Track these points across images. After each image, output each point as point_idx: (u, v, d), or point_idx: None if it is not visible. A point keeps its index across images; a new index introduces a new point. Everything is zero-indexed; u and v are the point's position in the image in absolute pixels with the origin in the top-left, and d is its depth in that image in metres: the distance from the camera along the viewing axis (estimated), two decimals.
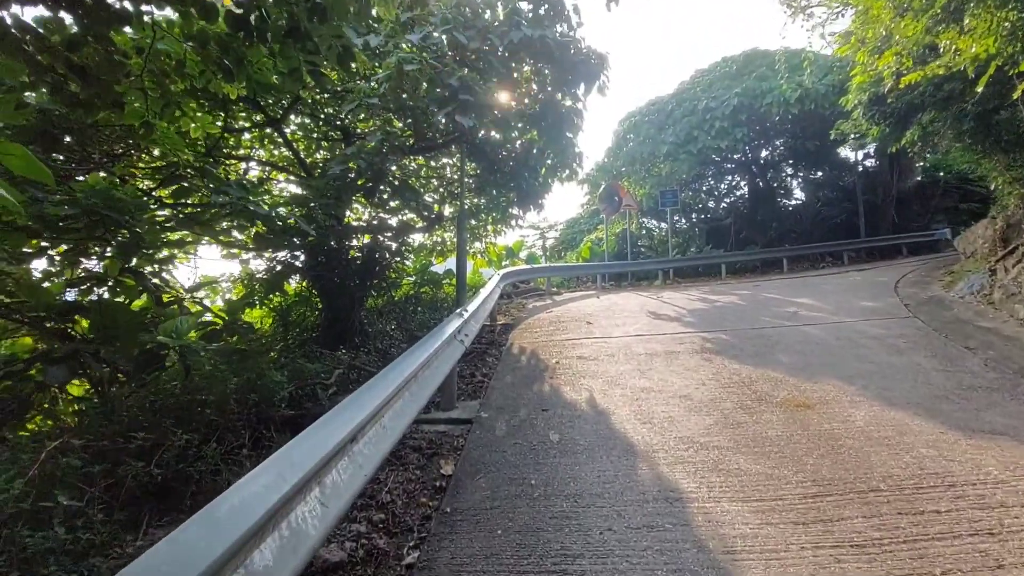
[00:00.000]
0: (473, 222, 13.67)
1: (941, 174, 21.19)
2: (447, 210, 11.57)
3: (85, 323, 4.25)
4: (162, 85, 3.56)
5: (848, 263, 17.91)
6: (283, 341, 6.88)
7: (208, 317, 5.83)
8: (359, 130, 8.81)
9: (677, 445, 3.57)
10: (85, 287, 4.22)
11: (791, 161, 20.32)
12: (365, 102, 5.30)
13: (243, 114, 8.52)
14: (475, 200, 12.39)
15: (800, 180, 22.41)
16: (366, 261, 6.99)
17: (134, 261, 4.92)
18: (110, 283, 4.25)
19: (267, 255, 7.34)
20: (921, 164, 20.27)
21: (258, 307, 7.96)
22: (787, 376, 4.90)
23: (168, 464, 3.03)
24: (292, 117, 9.05)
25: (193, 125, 2.93)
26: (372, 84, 5.50)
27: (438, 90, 5.49)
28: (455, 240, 14.57)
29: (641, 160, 16.60)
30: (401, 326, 8.29)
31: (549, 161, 9.86)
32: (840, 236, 19.53)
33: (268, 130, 8.72)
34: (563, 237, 24.64)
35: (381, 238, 8.37)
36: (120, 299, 4.41)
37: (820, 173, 21.96)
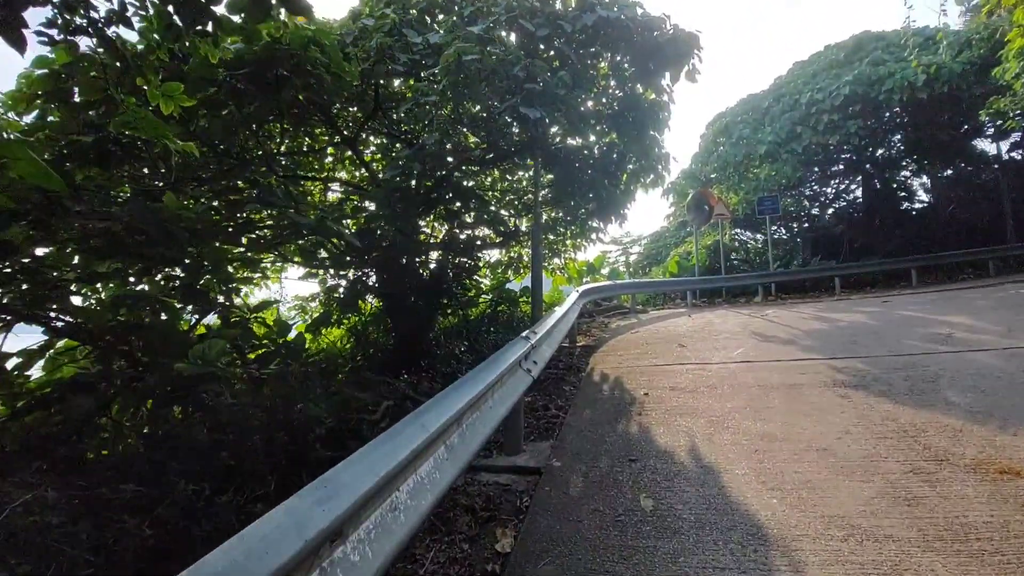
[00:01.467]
0: (551, 236, 12.98)
1: None
2: (523, 224, 10.93)
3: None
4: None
5: (995, 273, 15.08)
6: (347, 363, 6.48)
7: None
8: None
9: (827, 530, 2.51)
10: (130, 303, 3.97)
11: (914, 157, 17.66)
12: (421, 100, 4.77)
13: (324, 136, 8.48)
14: (551, 213, 11.68)
15: (926, 179, 19.47)
16: (435, 278, 6.46)
17: (202, 281, 4.70)
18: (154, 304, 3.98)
19: (343, 273, 7.07)
20: None
21: (335, 327, 7.71)
22: (969, 424, 3.61)
23: (168, 521, 2.50)
24: (371, 138, 8.92)
25: (163, 98, 2.48)
26: (430, 82, 4.99)
27: (501, 83, 4.86)
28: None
29: (734, 164, 15.04)
30: (473, 347, 7.67)
31: (631, 166, 8.92)
32: (980, 242, 16.56)
33: (348, 152, 8.64)
34: (647, 252, 23.19)
35: (452, 254, 7.86)
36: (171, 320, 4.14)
37: (950, 170, 18.94)
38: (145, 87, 3.05)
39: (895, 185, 18.67)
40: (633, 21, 5.92)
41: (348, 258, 6.43)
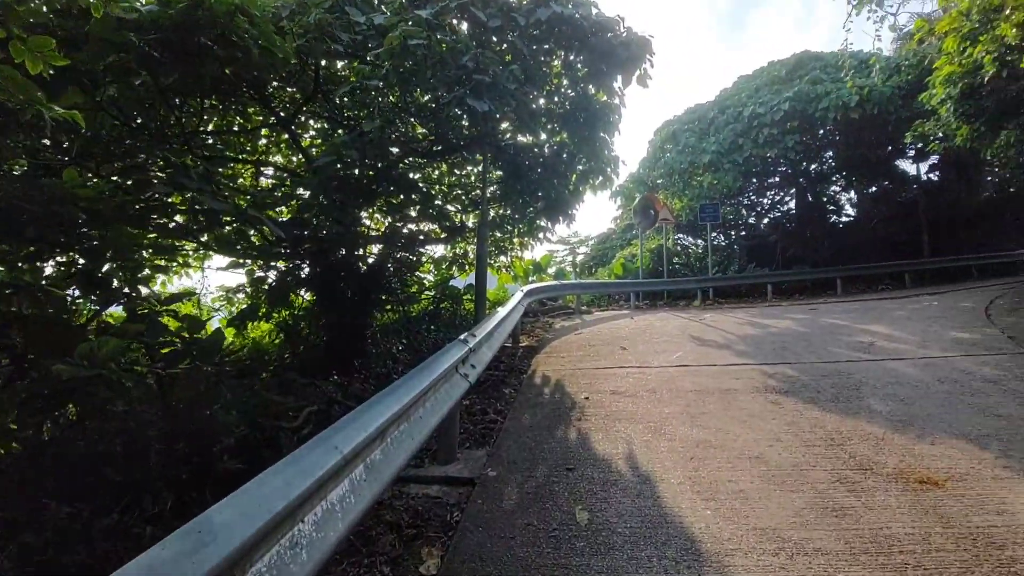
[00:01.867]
0: (497, 234, 12.81)
1: (1012, 190, 19.28)
2: (470, 220, 10.71)
3: None
4: None
5: (911, 285, 16.29)
6: (274, 362, 6.06)
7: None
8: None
9: (760, 543, 2.48)
10: (9, 292, 3.47)
11: (843, 174, 18.79)
12: (364, 84, 4.47)
13: (258, 116, 7.92)
14: (499, 210, 11.52)
15: (853, 195, 20.79)
16: (373, 273, 6.14)
17: (104, 268, 4.21)
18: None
19: (272, 265, 6.60)
20: (991, 179, 18.46)
21: (263, 322, 7.21)
22: (890, 433, 3.74)
23: (35, 549, 2.15)
24: (311, 122, 8.42)
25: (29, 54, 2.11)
26: (374, 66, 4.68)
27: (449, 72, 4.63)
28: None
29: (680, 171, 15.44)
30: (412, 346, 7.39)
31: (581, 167, 8.90)
32: (899, 256, 17.86)
33: (285, 136, 8.10)
34: (594, 253, 23.52)
35: (394, 248, 7.54)
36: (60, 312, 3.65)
37: (874, 188, 20.31)
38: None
39: (825, 199, 19.81)
40: (588, 20, 5.84)
41: (282, 248, 6.01)
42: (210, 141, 7.12)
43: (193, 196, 3.38)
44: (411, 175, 10.18)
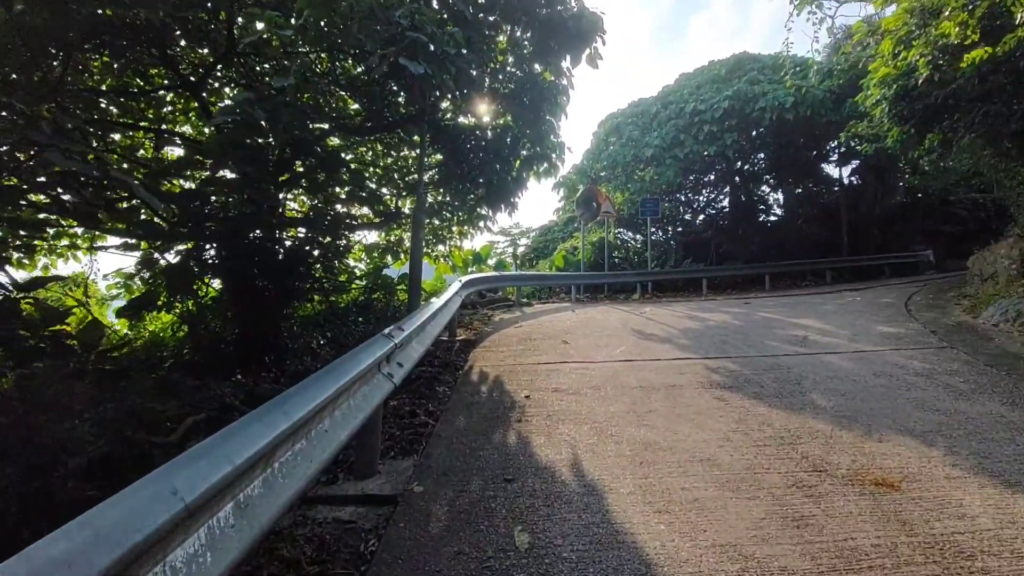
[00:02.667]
0: (436, 221, 12.25)
1: (920, 195, 20.87)
2: (406, 206, 10.09)
3: None
4: None
5: (831, 281, 17.22)
6: (171, 358, 5.28)
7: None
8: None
9: (721, 563, 2.19)
10: None
11: (774, 174, 19.59)
12: (277, 33, 3.82)
13: (162, 79, 6.95)
14: (438, 196, 10.97)
15: (781, 196, 21.78)
16: (290, 259, 5.46)
17: None
18: None
19: (170, 246, 5.75)
20: (903, 184, 19.85)
21: (164, 312, 6.31)
22: (837, 430, 3.62)
23: None
24: (226, 90, 7.50)
25: None
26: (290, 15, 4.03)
27: (380, 28, 4.07)
28: None
29: (623, 164, 15.44)
30: (337, 339, 6.75)
31: (525, 152, 8.52)
32: (821, 254, 18.88)
33: (194, 104, 7.15)
34: (535, 244, 23.35)
35: (317, 232, 6.84)
36: None
37: (800, 189, 21.37)
38: None
39: (756, 198, 20.59)
40: None
41: (183, 228, 5.22)
42: (103, 103, 6.13)
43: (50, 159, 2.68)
44: (343, 155, 9.45)
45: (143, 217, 4.71)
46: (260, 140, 4.39)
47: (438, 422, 4.03)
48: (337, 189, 7.56)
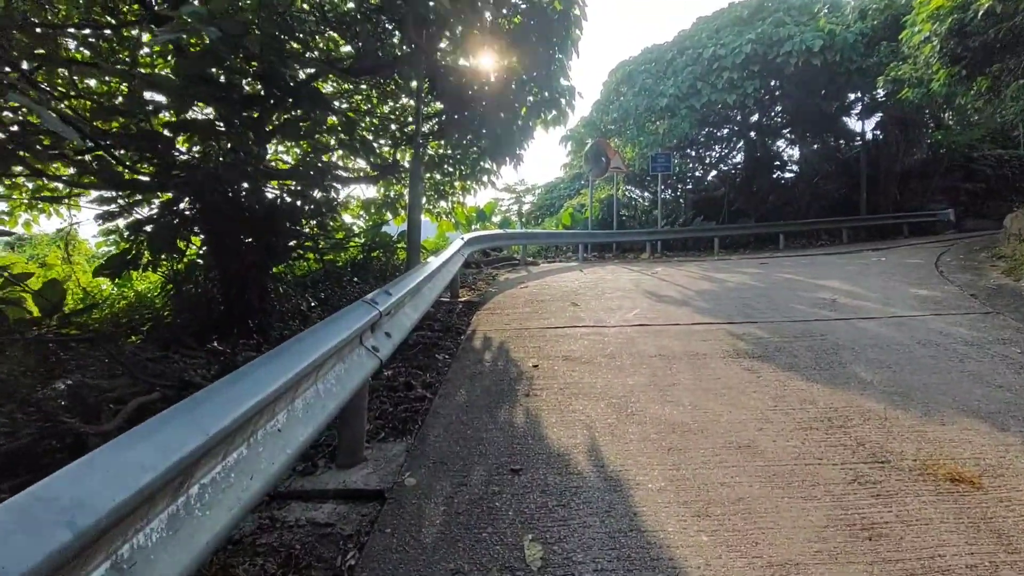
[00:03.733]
0: (436, 176, 11.59)
1: (943, 151, 19.87)
2: (405, 159, 9.44)
3: None
4: None
5: (847, 241, 16.58)
6: (147, 324, 4.83)
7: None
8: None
9: None
10: None
11: (792, 128, 18.58)
12: None
13: (132, 13, 6.21)
14: (439, 149, 10.28)
15: (797, 151, 20.75)
16: (273, 213, 4.92)
17: None
18: None
19: (138, 199, 5.20)
20: (928, 141, 18.82)
21: (152, 271, 5.83)
22: (891, 409, 3.16)
23: None
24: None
25: None
26: None
27: None
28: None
29: (636, 115, 14.52)
30: (330, 301, 6.29)
31: (531, 98, 7.81)
32: (837, 212, 18.14)
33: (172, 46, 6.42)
34: (541, 202, 22.59)
35: (306, 185, 6.26)
36: None
37: (818, 144, 20.33)
38: None
39: (772, 153, 19.64)
40: None
41: (152, 176, 4.67)
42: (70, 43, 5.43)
43: None
44: (335, 103, 8.75)
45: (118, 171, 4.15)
46: (226, 73, 3.78)
47: (436, 396, 3.60)
48: (326, 136, 6.94)
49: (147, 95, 5.49)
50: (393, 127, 9.21)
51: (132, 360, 2.93)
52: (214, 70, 3.72)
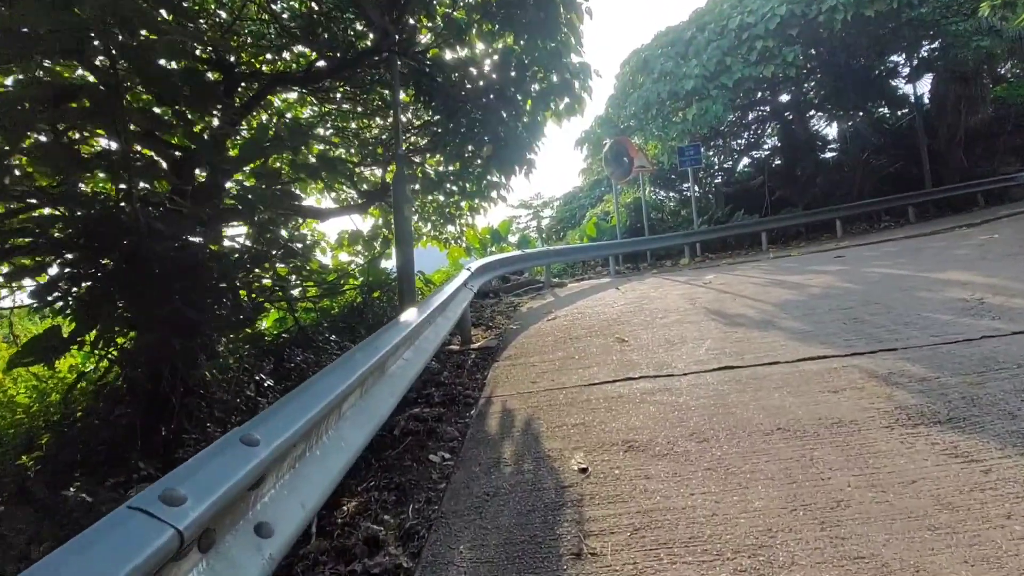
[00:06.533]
0: (441, 198, 10.22)
1: (1011, 106, 17.56)
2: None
3: None
4: None
5: (915, 220, 14.51)
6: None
7: None
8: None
9: None
10: None
11: (832, 101, 16.65)
12: None
13: None
14: (436, 164, 8.91)
15: (836, 125, 18.66)
16: (191, 267, 3.50)
17: None
18: None
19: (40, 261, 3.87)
20: (991, 97, 16.62)
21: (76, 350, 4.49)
22: None
23: None
24: None
25: None
26: None
27: None
28: (416, 223, 11.03)
29: (658, 104, 12.90)
30: (283, 367, 4.80)
31: (537, 85, 6.34)
32: (895, 189, 16.00)
33: None
34: (560, 215, 21.06)
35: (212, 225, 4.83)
36: None
37: (862, 113, 18.21)
38: None
39: (812, 132, 17.72)
40: None
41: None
42: None
43: None
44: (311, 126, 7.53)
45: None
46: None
47: (419, 566, 2.04)
48: (283, 159, 5.57)
49: None
50: (380, 150, 7.89)
51: None
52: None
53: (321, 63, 5.96)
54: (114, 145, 4.14)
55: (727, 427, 2.84)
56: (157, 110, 4.35)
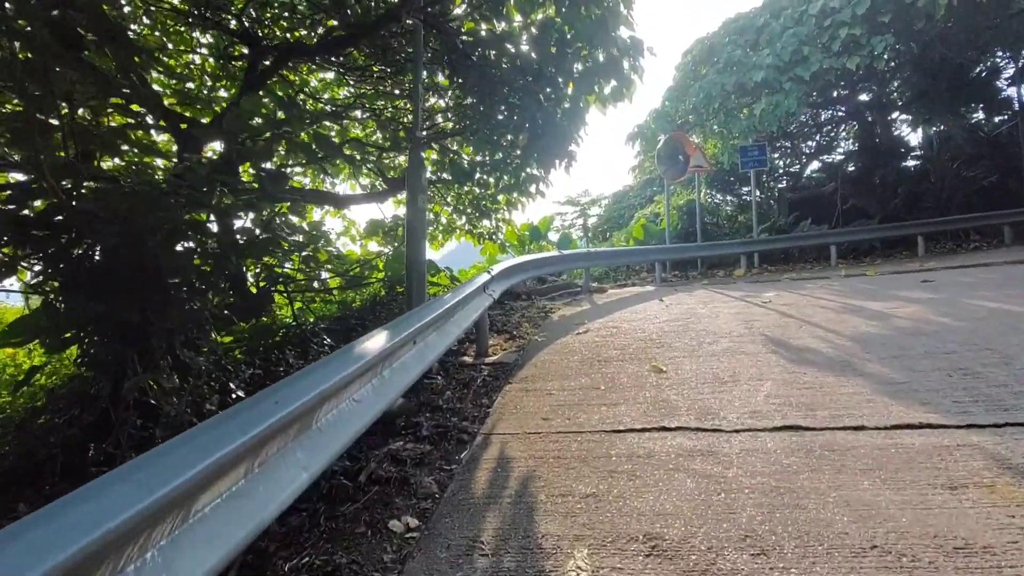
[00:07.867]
0: (477, 190, 9.59)
1: None
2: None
3: None
4: None
5: (1011, 242, 12.71)
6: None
7: None
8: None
9: None
10: None
11: (920, 103, 14.86)
12: None
13: None
14: (468, 152, 8.26)
15: (921, 130, 16.70)
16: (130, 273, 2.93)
17: None
18: None
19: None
20: None
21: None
22: None
23: None
24: None
25: None
26: None
27: None
28: (451, 216, 10.47)
29: (722, 96, 11.71)
30: (271, 370, 4.24)
31: (579, 65, 5.54)
32: (988, 205, 14.06)
33: None
34: (608, 215, 20.02)
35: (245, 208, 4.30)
36: None
37: (950, 116, 16.21)
38: None
39: (894, 137, 15.94)
40: None
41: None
42: None
43: None
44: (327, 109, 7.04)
45: None
46: None
47: None
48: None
49: None
50: (403, 133, 7.28)
51: None
52: None
53: (341, 33, 5.38)
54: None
55: (796, 533, 2.01)
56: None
